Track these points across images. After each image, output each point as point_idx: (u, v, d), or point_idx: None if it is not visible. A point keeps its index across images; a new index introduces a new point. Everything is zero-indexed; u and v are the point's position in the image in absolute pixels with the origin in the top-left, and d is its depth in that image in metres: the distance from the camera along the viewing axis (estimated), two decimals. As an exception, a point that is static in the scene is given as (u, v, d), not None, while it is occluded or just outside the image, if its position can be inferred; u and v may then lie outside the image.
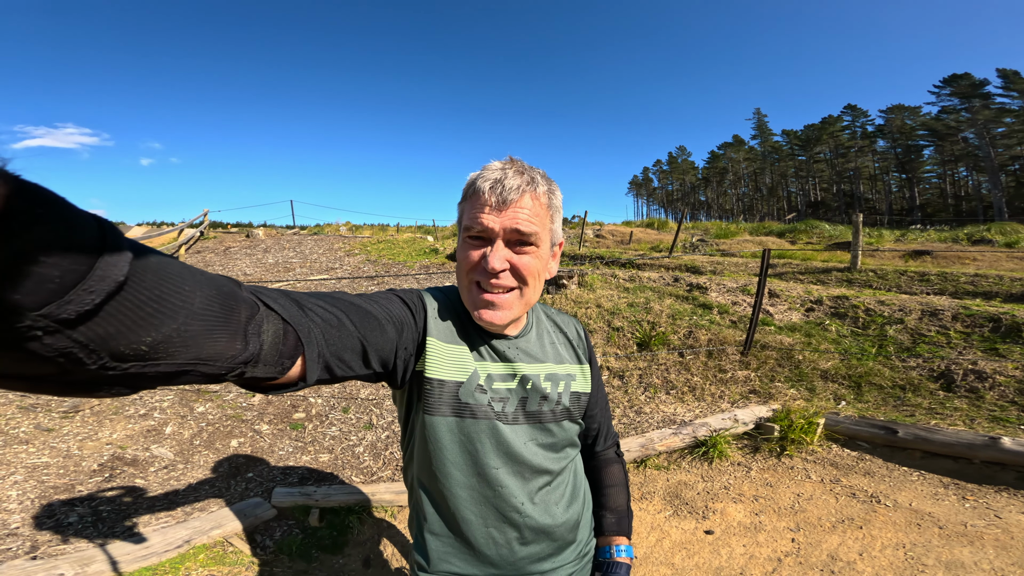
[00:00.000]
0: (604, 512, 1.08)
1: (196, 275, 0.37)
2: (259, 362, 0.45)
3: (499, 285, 0.81)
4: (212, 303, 0.38)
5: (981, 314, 4.53)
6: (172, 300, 0.33)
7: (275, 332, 0.48)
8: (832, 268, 7.81)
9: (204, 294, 0.37)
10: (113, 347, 0.30)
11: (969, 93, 42.70)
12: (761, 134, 67.34)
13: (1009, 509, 2.50)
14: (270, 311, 0.49)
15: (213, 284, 0.39)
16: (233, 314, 0.41)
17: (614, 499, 1.09)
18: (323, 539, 2.45)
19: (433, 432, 0.84)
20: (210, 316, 0.37)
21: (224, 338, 0.39)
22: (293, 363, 0.51)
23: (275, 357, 0.47)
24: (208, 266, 9.42)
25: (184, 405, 3.68)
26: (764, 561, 2.29)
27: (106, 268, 0.28)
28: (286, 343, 0.49)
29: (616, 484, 1.11)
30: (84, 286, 0.27)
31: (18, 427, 3.14)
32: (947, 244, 11.94)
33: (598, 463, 1.12)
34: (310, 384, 0.56)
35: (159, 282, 0.32)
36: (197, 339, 0.36)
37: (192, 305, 0.35)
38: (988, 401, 3.50)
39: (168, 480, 2.78)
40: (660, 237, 15.43)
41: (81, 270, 0.27)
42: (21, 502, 2.44)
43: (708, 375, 4.26)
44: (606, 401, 1.11)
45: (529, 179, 0.82)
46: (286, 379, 0.52)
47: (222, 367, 0.40)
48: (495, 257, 0.79)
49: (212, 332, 0.38)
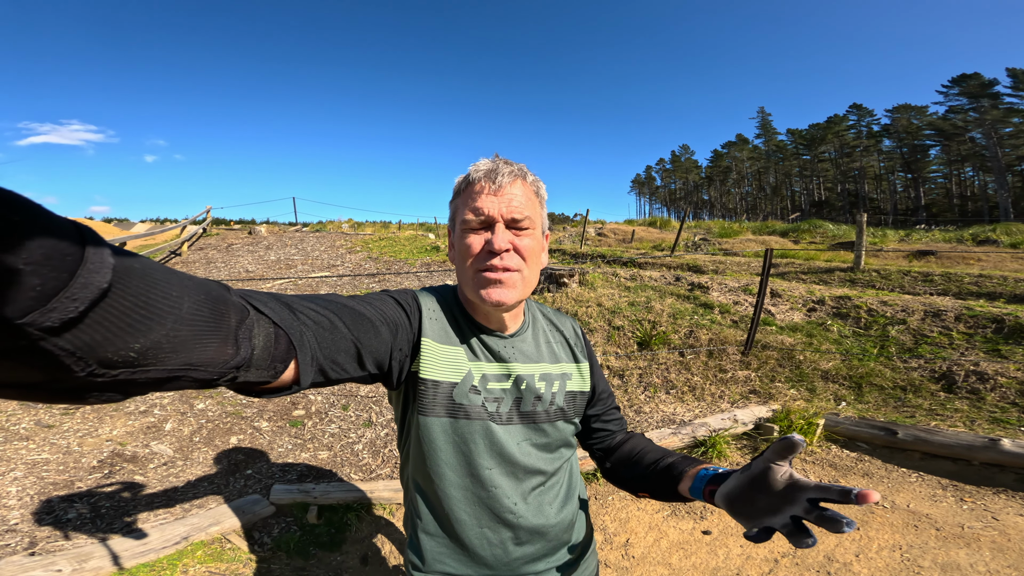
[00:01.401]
0: (666, 458, 0.93)
1: (183, 280, 0.37)
2: (251, 366, 0.45)
3: (505, 265, 0.82)
4: (201, 308, 0.38)
5: (984, 315, 4.50)
6: (159, 306, 0.33)
7: (266, 336, 0.48)
8: (835, 268, 7.78)
9: (192, 299, 0.37)
10: (101, 354, 0.30)
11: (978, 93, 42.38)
12: (765, 133, 67.07)
13: (1007, 511, 2.49)
14: (260, 315, 0.49)
15: (201, 289, 0.39)
16: (223, 319, 0.41)
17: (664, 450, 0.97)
18: (321, 536, 2.46)
19: (427, 433, 0.84)
20: (199, 321, 0.37)
21: (214, 343, 0.39)
22: (286, 367, 0.51)
23: (267, 361, 0.47)
24: (211, 263, 9.45)
25: (184, 402, 3.69)
26: (761, 562, 2.29)
27: (88, 275, 0.28)
28: (278, 347, 0.49)
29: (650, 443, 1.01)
30: (67, 294, 0.27)
31: (19, 423, 3.16)
32: (952, 244, 11.88)
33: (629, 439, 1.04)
34: (304, 387, 0.55)
35: (145, 288, 0.32)
36: (187, 344, 0.36)
37: (180, 310, 0.35)
38: (989, 403, 3.48)
39: (167, 477, 2.79)
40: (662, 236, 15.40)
41: (63, 277, 0.26)
42: (20, 498, 2.46)
43: (708, 375, 4.25)
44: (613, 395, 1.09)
45: (518, 169, 0.87)
46: (280, 383, 0.52)
47: (213, 372, 0.40)
48: (499, 237, 0.81)
49: (202, 337, 0.37)
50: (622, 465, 1.01)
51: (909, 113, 49.24)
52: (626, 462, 1.00)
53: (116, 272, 0.30)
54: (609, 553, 2.43)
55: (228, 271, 8.83)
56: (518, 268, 0.84)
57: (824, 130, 57.41)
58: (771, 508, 0.64)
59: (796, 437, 0.62)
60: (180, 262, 9.67)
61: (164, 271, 0.35)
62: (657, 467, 0.92)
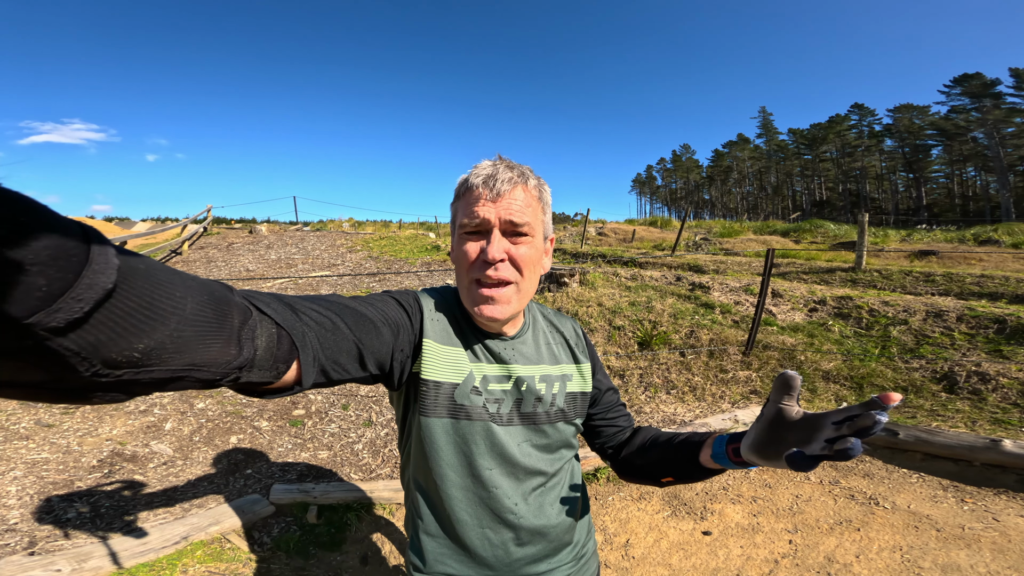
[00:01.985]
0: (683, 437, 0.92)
1: (187, 280, 0.37)
2: (254, 367, 0.45)
3: (499, 277, 0.81)
4: (204, 308, 0.38)
5: (986, 315, 4.49)
6: (163, 306, 0.33)
7: (269, 337, 0.48)
8: (836, 268, 7.77)
9: (196, 300, 0.37)
10: (105, 354, 0.30)
11: (980, 93, 42.32)
12: (766, 133, 66.99)
13: (1008, 512, 2.48)
14: (263, 316, 0.49)
15: (205, 289, 0.39)
16: (226, 319, 0.41)
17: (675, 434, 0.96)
18: (321, 536, 2.46)
19: (429, 433, 0.85)
20: (203, 322, 0.37)
21: (218, 344, 0.39)
22: (288, 367, 0.51)
23: (270, 362, 0.47)
24: (211, 262, 9.46)
25: (184, 401, 3.69)
26: (761, 563, 2.28)
27: (93, 276, 0.28)
28: (280, 347, 0.49)
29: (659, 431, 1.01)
30: (72, 294, 0.27)
31: (19, 423, 3.16)
32: (953, 244, 11.84)
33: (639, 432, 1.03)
34: (306, 388, 0.55)
35: (149, 288, 0.32)
36: (190, 345, 0.36)
37: (184, 311, 0.35)
38: (990, 403, 3.47)
39: (167, 476, 2.80)
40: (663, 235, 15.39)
41: (68, 278, 0.27)
42: (20, 498, 2.46)
43: (709, 375, 4.25)
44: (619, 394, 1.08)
45: (519, 173, 0.84)
46: (282, 383, 0.52)
47: (216, 372, 0.40)
48: (494, 247, 0.80)
49: (205, 338, 0.37)
50: (638, 456, 1.00)
51: (911, 113, 49.16)
52: (641, 451, 0.99)
53: (121, 273, 0.30)
54: (609, 554, 2.43)
55: (229, 270, 8.83)
56: (513, 280, 0.83)
57: (826, 130, 57.33)
58: (800, 441, 0.63)
59: (790, 372, 0.66)
60: (181, 261, 9.68)
61: (168, 271, 0.36)
62: (672, 445, 0.92)
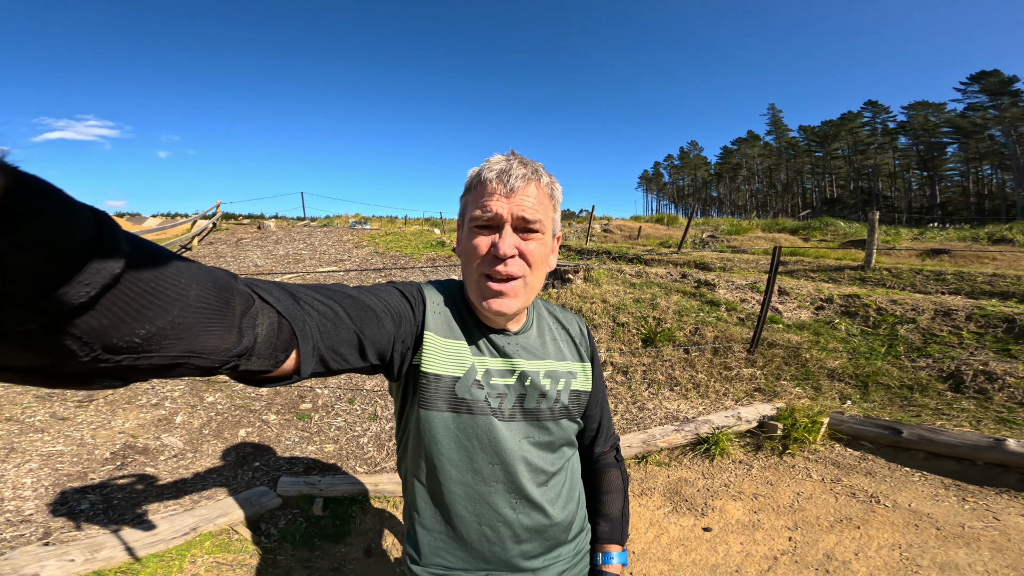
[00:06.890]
0: (598, 519, 1.08)
1: (192, 267, 0.37)
2: (253, 355, 0.45)
3: (509, 272, 0.81)
4: (208, 296, 0.37)
5: (996, 314, 4.45)
6: (168, 293, 0.33)
7: (270, 325, 0.48)
8: (845, 266, 7.70)
9: (200, 287, 0.37)
10: (107, 339, 0.30)
11: (997, 90, 41.61)
12: (776, 130, 66.30)
13: (1008, 511, 2.47)
14: (265, 304, 0.48)
15: (209, 277, 0.39)
16: (228, 307, 0.40)
17: (609, 506, 1.09)
18: (326, 528, 2.51)
19: (428, 427, 0.84)
20: (205, 309, 0.37)
21: (219, 331, 0.39)
22: (287, 356, 0.51)
23: (269, 350, 0.47)
24: (220, 257, 9.56)
25: (194, 395, 3.76)
26: (760, 559, 2.30)
27: (102, 261, 0.28)
28: (280, 336, 0.49)
29: (613, 491, 1.10)
30: (80, 279, 0.27)
31: (34, 416, 3.24)
32: (966, 243, 11.67)
33: (597, 468, 1.11)
34: (304, 377, 0.55)
35: (155, 275, 0.32)
36: (191, 332, 0.36)
37: (187, 298, 0.35)
38: (996, 403, 3.45)
39: (177, 469, 2.86)
40: (669, 233, 15.30)
41: (77, 263, 0.26)
42: (35, 489, 2.53)
43: (713, 372, 4.25)
44: (606, 401, 1.09)
45: (533, 170, 0.84)
46: (280, 372, 0.52)
47: (216, 360, 0.40)
48: (505, 243, 0.79)
49: (207, 325, 0.37)
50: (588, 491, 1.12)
51: (926, 110, 48.44)
52: (590, 492, 1.12)
53: (128, 259, 0.30)
54: (609, 548, 2.45)
55: (237, 266, 8.92)
56: (522, 275, 0.83)
57: (838, 127, 56.63)
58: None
59: None
60: (190, 256, 9.77)
61: (174, 258, 0.36)
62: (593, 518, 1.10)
